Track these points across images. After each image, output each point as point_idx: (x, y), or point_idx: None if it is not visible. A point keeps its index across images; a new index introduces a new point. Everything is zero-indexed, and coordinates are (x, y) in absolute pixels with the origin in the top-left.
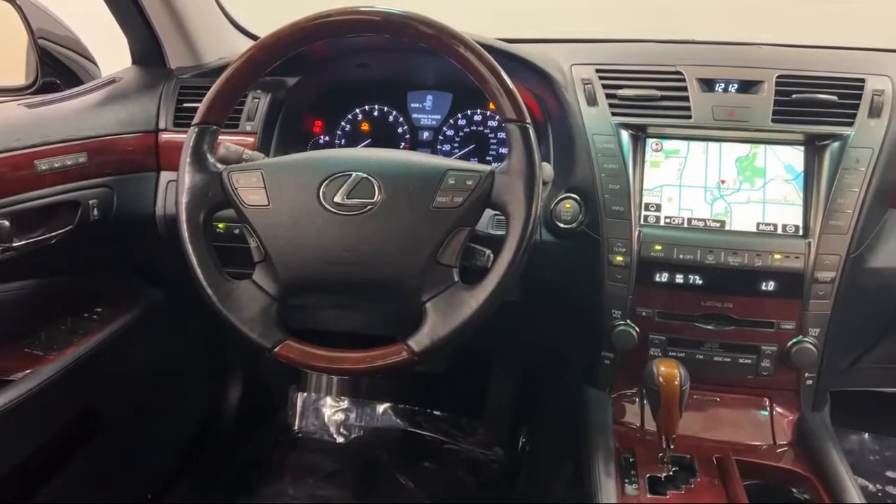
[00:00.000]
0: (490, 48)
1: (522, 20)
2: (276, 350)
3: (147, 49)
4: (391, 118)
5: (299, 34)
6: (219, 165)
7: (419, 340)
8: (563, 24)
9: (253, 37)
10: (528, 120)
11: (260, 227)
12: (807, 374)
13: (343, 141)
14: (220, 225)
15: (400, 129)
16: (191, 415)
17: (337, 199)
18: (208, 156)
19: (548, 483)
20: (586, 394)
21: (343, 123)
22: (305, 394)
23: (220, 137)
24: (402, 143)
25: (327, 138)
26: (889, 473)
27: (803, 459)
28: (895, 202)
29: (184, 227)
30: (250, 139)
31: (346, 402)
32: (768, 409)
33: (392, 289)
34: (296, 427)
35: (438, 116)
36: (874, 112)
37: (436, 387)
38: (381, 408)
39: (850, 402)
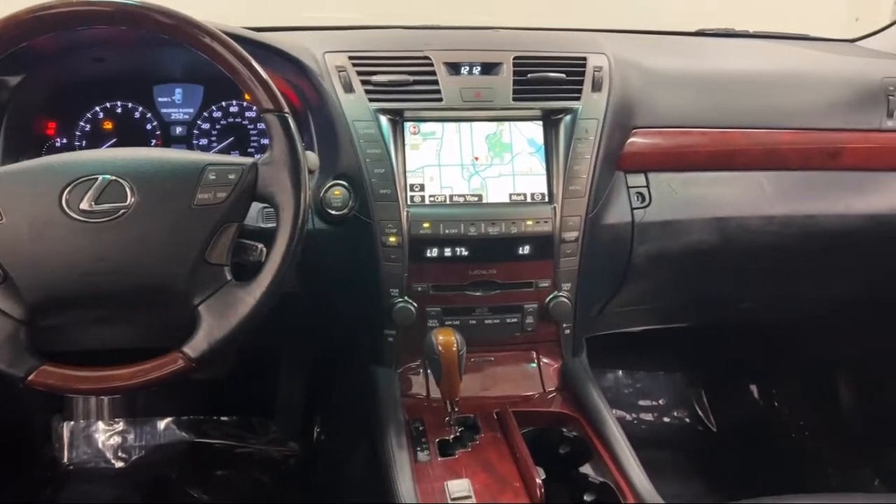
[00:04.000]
0: (237, 37)
1: (274, 10)
2: (30, 378)
3: None
4: (137, 115)
5: (16, 29)
6: None
7: (195, 346)
8: (313, 12)
9: None
10: (287, 109)
11: None
12: (565, 325)
13: (84, 142)
14: None
15: (149, 126)
16: None
17: (83, 205)
18: None
19: (344, 466)
20: (374, 373)
21: (82, 123)
22: (73, 422)
23: None
24: (153, 141)
25: (65, 141)
26: (641, 402)
27: (569, 401)
28: (620, 165)
29: None
30: None
31: (121, 423)
32: (536, 361)
33: (159, 295)
34: (65, 459)
35: (191, 110)
36: (596, 86)
37: (222, 392)
38: (162, 423)
39: (603, 345)
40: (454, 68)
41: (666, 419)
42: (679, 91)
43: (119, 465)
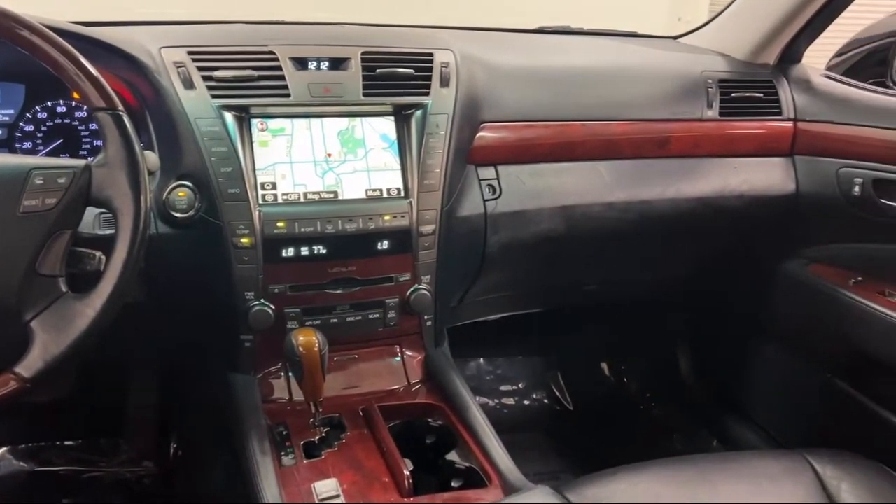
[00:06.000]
0: (62, 31)
1: (106, 6)
2: None
3: None
4: None
5: None
6: None
7: (29, 365)
8: (147, 7)
9: None
10: (121, 107)
11: None
12: (426, 317)
13: None
14: None
15: None
16: None
17: None
18: None
19: (205, 480)
20: (231, 381)
21: None
22: None
23: None
24: None
25: None
26: (502, 388)
27: (433, 391)
28: (471, 159)
29: None
30: None
31: None
32: (399, 354)
33: None
34: None
35: (11, 111)
36: (444, 82)
37: (64, 414)
38: None
39: (464, 334)
40: (301, 63)
41: (526, 402)
42: (522, 86)
43: None
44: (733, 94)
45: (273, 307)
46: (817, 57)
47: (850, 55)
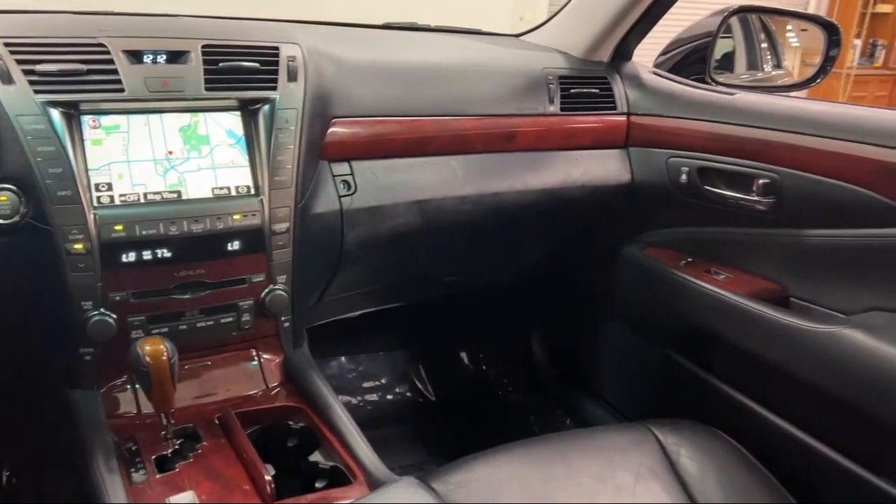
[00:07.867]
0: None
1: None
2: None
3: None
4: None
5: None
6: None
7: None
8: None
9: None
10: None
11: None
12: (283, 318)
13: None
14: None
15: None
16: None
17: None
18: None
19: None
20: (71, 398)
21: None
22: None
23: None
24: None
25: None
26: (365, 384)
27: (294, 394)
28: (324, 154)
29: None
30: None
31: None
32: (256, 358)
33: None
34: None
35: None
36: (292, 76)
37: None
38: None
39: (325, 334)
40: (135, 56)
41: (389, 396)
42: (372, 81)
43: None
44: (572, 90)
45: (115, 316)
46: (646, 56)
47: (674, 53)
